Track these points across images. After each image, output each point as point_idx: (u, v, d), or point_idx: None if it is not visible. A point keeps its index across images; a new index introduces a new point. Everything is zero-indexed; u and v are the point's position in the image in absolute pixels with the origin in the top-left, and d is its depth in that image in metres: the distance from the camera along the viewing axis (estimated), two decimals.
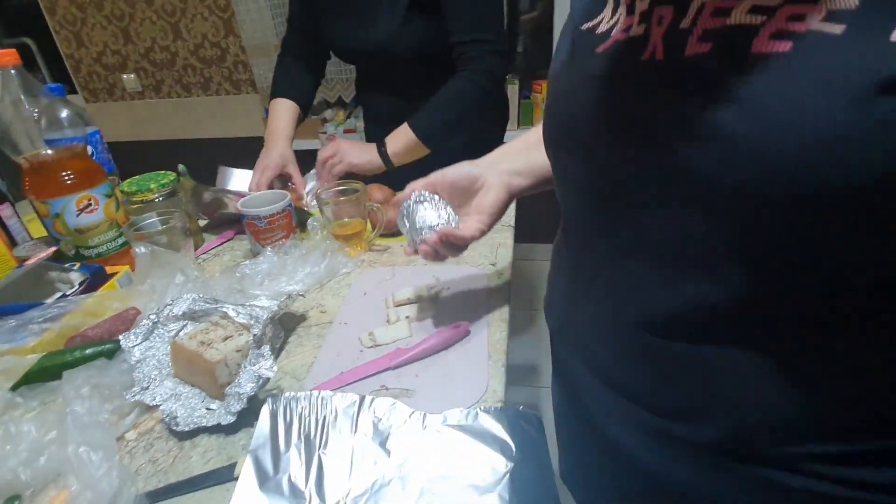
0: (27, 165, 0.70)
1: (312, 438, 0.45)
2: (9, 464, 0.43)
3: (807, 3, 0.24)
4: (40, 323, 0.59)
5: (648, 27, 0.32)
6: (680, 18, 0.30)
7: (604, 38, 0.36)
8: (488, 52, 0.91)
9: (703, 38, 0.28)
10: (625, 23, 0.35)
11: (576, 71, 0.40)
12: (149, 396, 0.52)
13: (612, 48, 0.35)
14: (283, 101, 1.06)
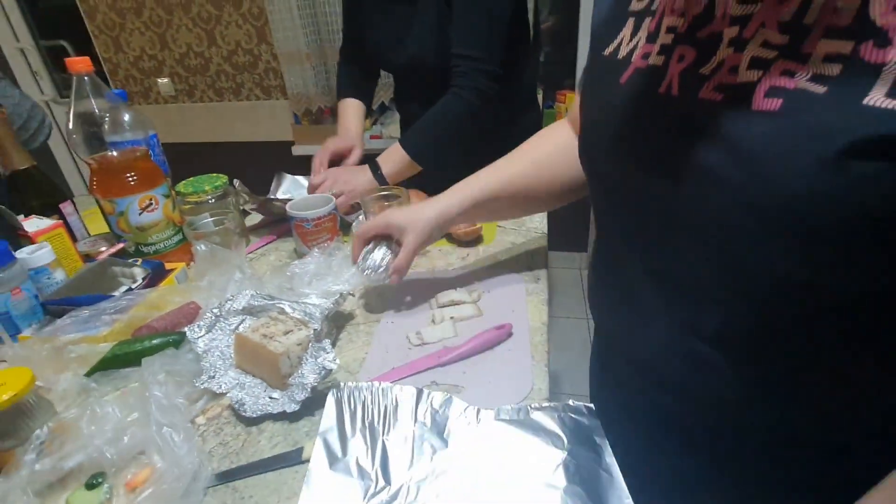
0: (95, 166, 0.75)
1: (376, 425, 0.48)
2: (95, 442, 0.47)
3: (797, 62, 0.28)
4: (111, 314, 0.64)
5: (667, 60, 0.35)
6: (701, 62, 0.33)
7: (625, 65, 0.40)
8: (475, 69, 0.94)
9: (717, 88, 0.32)
10: (644, 49, 0.38)
11: (602, 98, 0.43)
12: (215, 384, 0.56)
13: (633, 78, 0.38)
14: (350, 101, 1.16)
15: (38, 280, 0.68)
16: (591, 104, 0.45)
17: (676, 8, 0.35)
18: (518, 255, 0.82)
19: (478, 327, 0.65)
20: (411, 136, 0.98)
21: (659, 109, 0.36)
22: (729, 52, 0.31)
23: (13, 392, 0.43)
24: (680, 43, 0.35)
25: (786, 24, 0.29)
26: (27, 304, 0.64)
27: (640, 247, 0.42)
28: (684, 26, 0.34)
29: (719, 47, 0.32)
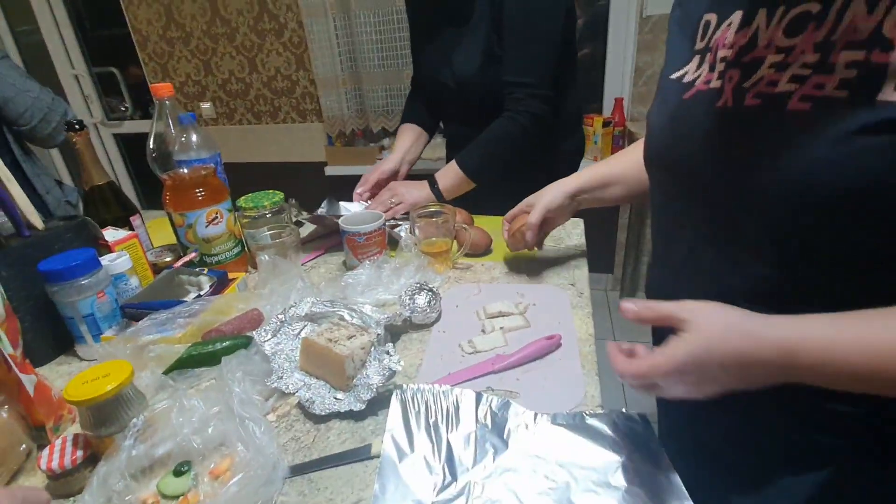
0: (169, 182, 0.81)
1: (440, 424, 0.51)
2: (184, 431, 0.50)
3: (826, 74, 0.37)
4: (184, 317, 0.68)
5: (723, 82, 0.45)
6: (745, 79, 0.43)
7: (689, 87, 0.49)
8: (530, 95, 0.99)
9: (756, 95, 0.41)
10: (706, 77, 0.48)
11: (666, 111, 0.53)
12: (283, 384, 0.60)
13: (696, 96, 0.48)
14: (406, 126, 1.24)
15: (117, 285, 0.73)
16: (657, 115, 0.54)
17: (727, 43, 0.44)
18: (559, 269, 0.85)
19: (526, 338, 0.67)
20: (467, 156, 1.03)
21: (718, 118, 0.45)
22: (770, 72, 0.41)
23: (117, 382, 0.47)
24: (730, 68, 0.44)
25: (818, 44, 0.37)
26: (109, 307, 0.69)
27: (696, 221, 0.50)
28: (733, 55, 0.44)
29: (760, 68, 0.41)
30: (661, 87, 0.55)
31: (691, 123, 0.48)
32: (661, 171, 0.55)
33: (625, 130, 2.15)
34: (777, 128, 0.40)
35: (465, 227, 0.87)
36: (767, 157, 0.40)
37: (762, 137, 0.41)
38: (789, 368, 0.37)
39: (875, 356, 0.35)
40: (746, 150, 0.42)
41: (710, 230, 0.48)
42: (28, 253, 0.67)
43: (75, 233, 0.73)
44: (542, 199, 0.78)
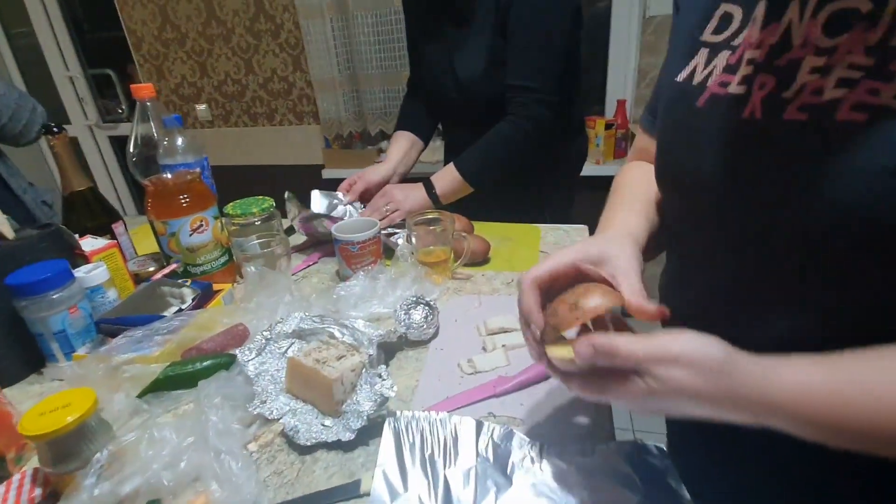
0: (151, 188, 0.77)
1: (436, 458, 0.47)
2: (153, 466, 0.46)
3: (882, 80, 0.31)
4: (163, 335, 0.64)
5: (749, 89, 0.38)
6: (782, 88, 0.36)
7: (700, 91, 0.42)
8: (535, 100, 0.96)
9: (801, 108, 0.35)
10: (721, 77, 0.40)
11: (679, 121, 0.46)
12: (267, 410, 0.55)
13: (711, 102, 0.41)
14: (400, 133, 1.17)
15: (93, 299, 0.69)
16: (666, 125, 0.47)
17: (753, 41, 0.38)
18: None
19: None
20: (467, 159, 0.99)
21: (744, 131, 0.38)
22: (812, 78, 0.34)
23: (78, 413, 0.43)
24: (760, 72, 0.37)
25: (872, 48, 0.31)
26: (82, 323, 0.64)
27: (727, 259, 0.43)
28: (762, 56, 0.37)
29: (799, 72, 0.35)
30: (665, 92, 0.48)
31: (706, 137, 0.41)
32: (672, 193, 0.49)
33: (627, 133, 2.11)
34: (823, 143, 0.33)
35: (464, 235, 0.82)
36: (808, 179, 0.34)
37: (803, 156, 0.34)
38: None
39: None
40: (781, 171, 0.36)
41: (732, 267, 0.42)
42: None
43: (50, 242, 0.69)
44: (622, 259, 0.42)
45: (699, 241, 0.46)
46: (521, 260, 0.89)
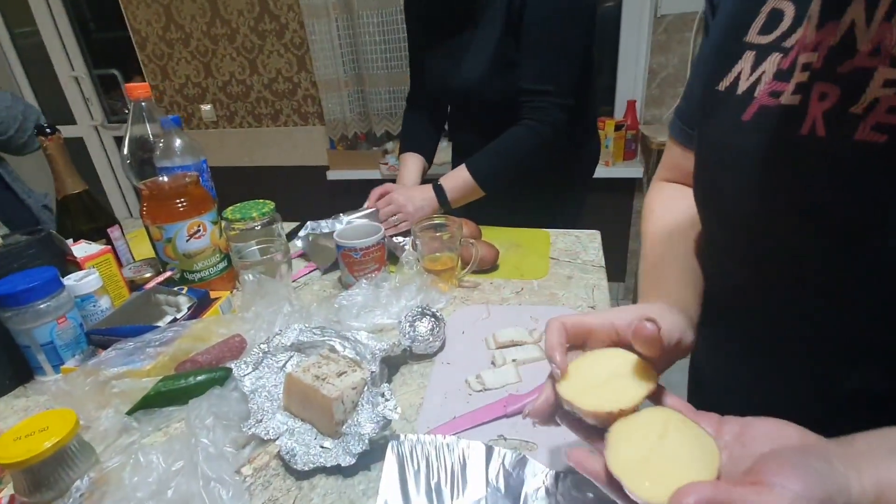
0: (146, 192, 0.74)
1: (443, 487, 0.43)
2: (138, 495, 0.42)
3: None
4: (156, 346, 0.60)
5: (806, 99, 0.32)
6: (848, 101, 0.30)
7: (747, 101, 0.37)
8: (551, 104, 0.93)
9: (876, 128, 0.29)
10: (771, 86, 0.35)
11: (721, 136, 0.40)
12: (263, 430, 0.51)
13: (760, 116, 0.36)
14: (411, 155, 1.13)
15: (84, 307, 0.66)
16: (706, 141, 0.42)
17: (808, 43, 0.32)
18: (576, 289, 0.77)
19: (543, 372, 0.59)
20: (479, 161, 0.96)
21: (803, 152, 0.33)
22: (888, 92, 0.29)
23: (56, 438, 0.40)
24: (818, 80, 0.32)
25: None
26: (72, 334, 0.61)
27: (785, 297, 0.38)
28: (819, 62, 0.32)
29: (869, 85, 0.30)
30: (705, 102, 0.42)
31: (754, 156, 0.36)
32: (713, 220, 0.43)
33: (638, 134, 2.06)
34: None
35: (472, 241, 0.78)
36: (888, 213, 0.29)
37: (882, 185, 0.29)
38: None
39: None
40: (853, 202, 0.31)
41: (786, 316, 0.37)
42: None
43: (39, 248, 0.66)
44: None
45: (746, 279, 0.41)
46: (531, 267, 0.85)
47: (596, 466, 0.31)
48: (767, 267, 0.38)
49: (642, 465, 0.29)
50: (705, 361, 0.53)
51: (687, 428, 0.30)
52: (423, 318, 0.64)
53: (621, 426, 0.32)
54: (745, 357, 0.44)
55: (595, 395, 0.33)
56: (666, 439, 0.29)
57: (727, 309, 0.44)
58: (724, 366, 0.49)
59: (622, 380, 0.33)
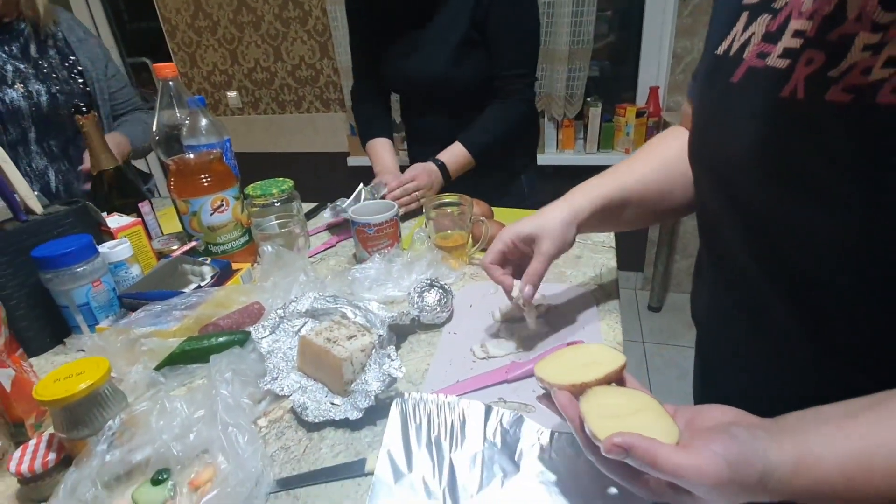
0: (174, 167, 0.78)
1: (442, 441, 0.45)
2: (163, 437, 0.46)
3: None
4: (181, 310, 0.65)
5: (794, 64, 0.34)
6: (830, 66, 0.32)
7: (736, 62, 0.38)
8: (528, 84, 1.06)
9: (846, 89, 0.31)
10: (759, 47, 0.36)
11: (713, 98, 0.42)
12: (278, 387, 0.55)
13: (747, 77, 0.37)
14: (379, 140, 1.19)
15: (116, 274, 0.70)
16: (702, 104, 0.44)
17: (805, 11, 0.33)
18: (584, 268, 0.78)
19: (546, 344, 0.61)
20: (472, 137, 1.06)
21: (782, 112, 0.34)
22: (864, 56, 0.30)
23: (91, 381, 0.43)
24: (809, 47, 0.33)
25: None
26: (106, 297, 0.66)
27: (758, 253, 0.40)
28: (813, 30, 0.33)
29: (850, 50, 0.31)
30: (705, 66, 0.44)
31: (741, 117, 0.37)
32: (705, 177, 0.45)
33: (660, 121, 2.03)
34: (865, 129, 0.30)
35: (483, 220, 0.80)
36: (852, 171, 0.30)
37: (845, 144, 0.31)
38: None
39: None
40: (823, 161, 0.32)
41: (769, 262, 0.39)
42: (24, 238, 0.64)
43: (76, 218, 0.71)
44: (549, 238, 0.55)
45: (732, 231, 0.43)
46: None
47: (575, 412, 0.35)
48: (756, 231, 0.39)
49: (609, 421, 0.33)
50: (703, 315, 0.54)
51: (658, 414, 0.34)
52: (432, 290, 0.66)
53: (606, 392, 0.37)
54: (738, 314, 0.45)
55: (567, 375, 0.38)
56: (636, 416, 0.34)
57: (723, 273, 0.46)
58: (721, 324, 0.50)
59: (593, 364, 0.39)
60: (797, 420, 0.31)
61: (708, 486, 0.29)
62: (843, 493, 0.29)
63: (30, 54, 1.04)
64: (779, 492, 0.29)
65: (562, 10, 1.87)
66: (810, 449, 0.29)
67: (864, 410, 0.30)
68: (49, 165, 1.07)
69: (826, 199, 0.32)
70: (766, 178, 0.36)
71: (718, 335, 0.51)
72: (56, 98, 1.04)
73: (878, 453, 0.28)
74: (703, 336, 0.55)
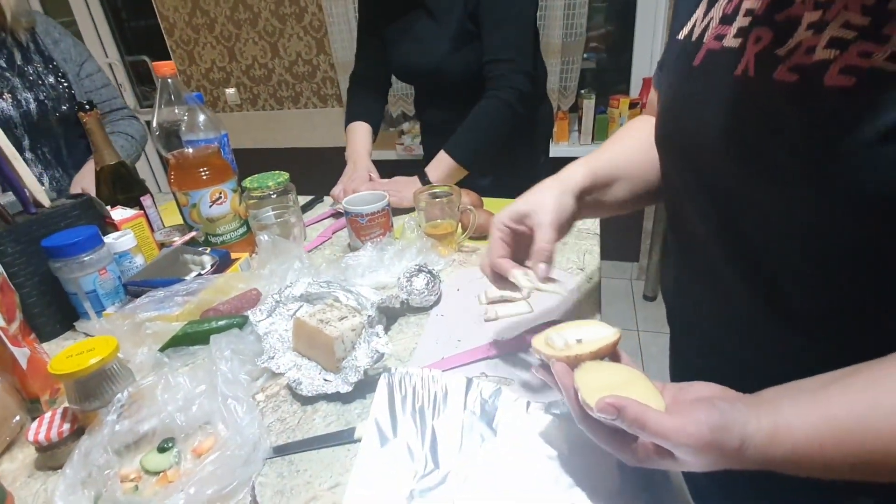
0: (174, 161, 0.81)
1: (426, 410, 0.49)
2: (168, 409, 0.50)
3: (876, 42, 0.29)
4: (183, 296, 0.68)
5: (745, 42, 0.35)
6: (777, 44, 0.33)
7: (698, 47, 0.40)
8: (513, 70, 1.00)
9: (793, 69, 0.32)
10: (716, 30, 0.38)
11: (676, 82, 0.44)
12: (274, 364, 0.59)
13: (707, 60, 0.39)
14: (359, 125, 1.20)
15: (121, 263, 0.74)
16: (666, 90, 0.46)
17: None
18: (569, 254, 0.81)
19: (528, 324, 0.64)
20: (456, 143, 1.02)
21: (736, 91, 0.36)
22: (808, 35, 0.32)
23: (101, 356, 0.47)
24: (757, 25, 0.35)
25: (869, 7, 0.29)
26: (111, 285, 0.70)
27: (718, 229, 0.42)
28: (762, 8, 0.35)
29: (797, 30, 0.32)
30: (669, 51, 0.46)
31: (703, 99, 0.39)
32: (671, 160, 0.47)
33: None
34: (813, 110, 0.31)
35: (471, 208, 0.83)
36: (803, 149, 0.32)
37: (794, 122, 0.32)
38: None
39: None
40: (776, 140, 0.33)
41: (722, 240, 0.41)
42: (34, 230, 0.68)
43: (82, 210, 0.74)
44: (546, 210, 0.49)
45: (695, 210, 0.44)
46: None
47: (570, 382, 0.37)
48: (718, 209, 0.41)
49: (601, 392, 0.35)
50: (674, 301, 0.56)
51: (647, 388, 0.36)
52: (420, 275, 0.70)
53: (599, 366, 0.39)
54: (698, 285, 0.48)
55: (564, 348, 0.40)
56: (626, 389, 0.35)
57: (688, 254, 0.49)
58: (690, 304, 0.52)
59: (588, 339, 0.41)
60: (775, 393, 0.33)
61: (691, 449, 0.30)
62: (818, 459, 0.30)
63: (15, 63, 1.04)
64: (756, 460, 0.31)
65: (555, 3, 1.89)
66: (785, 418, 0.31)
67: (836, 381, 0.31)
68: (44, 172, 1.09)
69: (777, 177, 0.34)
70: (725, 156, 0.37)
71: (683, 309, 0.54)
72: (44, 105, 1.05)
73: (849, 420, 0.29)
74: (670, 311, 0.58)
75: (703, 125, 0.39)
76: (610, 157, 0.56)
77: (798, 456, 0.30)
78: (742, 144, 0.36)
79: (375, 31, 1.15)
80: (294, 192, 0.92)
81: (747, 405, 0.32)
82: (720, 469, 0.32)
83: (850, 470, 0.30)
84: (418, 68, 1.10)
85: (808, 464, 0.30)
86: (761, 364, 0.42)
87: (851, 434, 0.29)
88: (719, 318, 0.46)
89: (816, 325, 0.38)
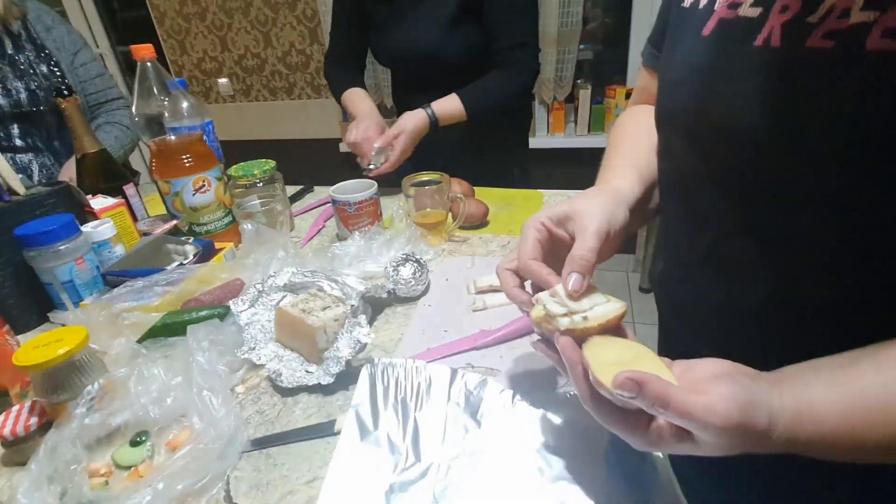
0: (155, 148, 0.79)
1: (408, 401, 0.47)
2: (141, 401, 0.48)
3: None
4: (163, 286, 0.66)
5: (766, 12, 0.33)
6: (807, 12, 0.31)
7: (707, 15, 0.37)
8: (532, 55, 1.03)
9: (827, 35, 0.30)
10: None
11: (683, 54, 0.41)
12: (255, 356, 0.57)
13: (718, 30, 0.36)
14: (354, 90, 1.14)
15: (100, 253, 0.72)
16: (669, 63, 0.43)
17: None
18: None
19: (516, 314, 0.62)
20: (470, 91, 1.01)
21: (758, 62, 0.33)
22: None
23: (69, 347, 0.45)
24: None
25: None
26: (89, 274, 0.68)
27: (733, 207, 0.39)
28: None
29: None
30: (672, 21, 0.43)
31: (714, 72, 0.36)
32: (674, 140, 0.44)
33: None
34: (852, 78, 0.29)
35: (461, 197, 0.81)
36: (841, 122, 0.30)
37: (831, 93, 0.30)
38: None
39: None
40: (805, 112, 0.31)
41: (739, 220, 0.38)
42: (7, 218, 0.65)
43: (58, 199, 0.72)
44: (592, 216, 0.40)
45: (711, 190, 0.41)
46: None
47: (577, 356, 0.34)
48: (737, 187, 0.38)
49: (611, 367, 0.32)
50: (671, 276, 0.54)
51: (657, 364, 0.33)
52: (407, 264, 0.68)
53: (606, 342, 0.35)
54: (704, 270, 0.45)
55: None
56: (636, 365, 0.32)
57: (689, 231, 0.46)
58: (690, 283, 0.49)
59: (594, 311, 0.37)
60: (796, 370, 0.31)
61: (716, 428, 0.28)
62: (846, 439, 0.28)
63: (5, 52, 1.02)
64: (783, 441, 0.29)
65: None
66: (809, 396, 0.29)
67: (860, 359, 0.30)
68: (34, 159, 1.08)
69: (808, 149, 0.32)
70: (749, 129, 0.35)
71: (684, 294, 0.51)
72: (35, 94, 1.04)
73: (882, 397, 0.28)
74: (662, 299, 0.56)
75: (719, 98, 0.37)
76: (648, 160, 0.50)
77: (826, 436, 0.28)
78: (768, 117, 0.34)
79: (356, 10, 1.10)
80: (281, 180, 0.90)
81: (769, 382, 0.30)
82: (736, 454, 0.29)
83: (880, 451, 0.28)
84: (411, 52, 1.06)
85: (836, 444, 0.28)
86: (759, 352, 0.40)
87: (885, 413, 0.27)
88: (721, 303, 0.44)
89: (832, 309, 0.36)
